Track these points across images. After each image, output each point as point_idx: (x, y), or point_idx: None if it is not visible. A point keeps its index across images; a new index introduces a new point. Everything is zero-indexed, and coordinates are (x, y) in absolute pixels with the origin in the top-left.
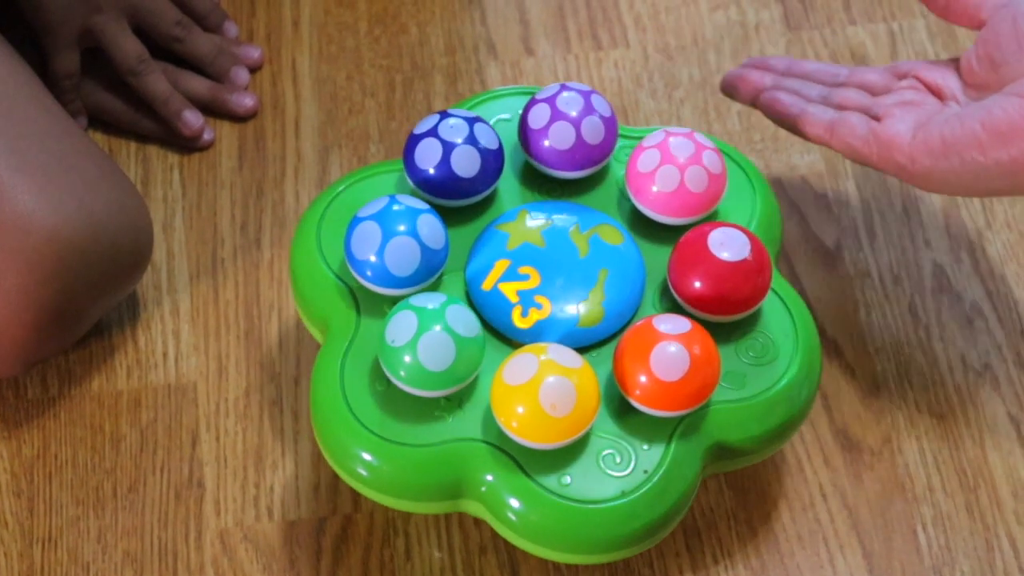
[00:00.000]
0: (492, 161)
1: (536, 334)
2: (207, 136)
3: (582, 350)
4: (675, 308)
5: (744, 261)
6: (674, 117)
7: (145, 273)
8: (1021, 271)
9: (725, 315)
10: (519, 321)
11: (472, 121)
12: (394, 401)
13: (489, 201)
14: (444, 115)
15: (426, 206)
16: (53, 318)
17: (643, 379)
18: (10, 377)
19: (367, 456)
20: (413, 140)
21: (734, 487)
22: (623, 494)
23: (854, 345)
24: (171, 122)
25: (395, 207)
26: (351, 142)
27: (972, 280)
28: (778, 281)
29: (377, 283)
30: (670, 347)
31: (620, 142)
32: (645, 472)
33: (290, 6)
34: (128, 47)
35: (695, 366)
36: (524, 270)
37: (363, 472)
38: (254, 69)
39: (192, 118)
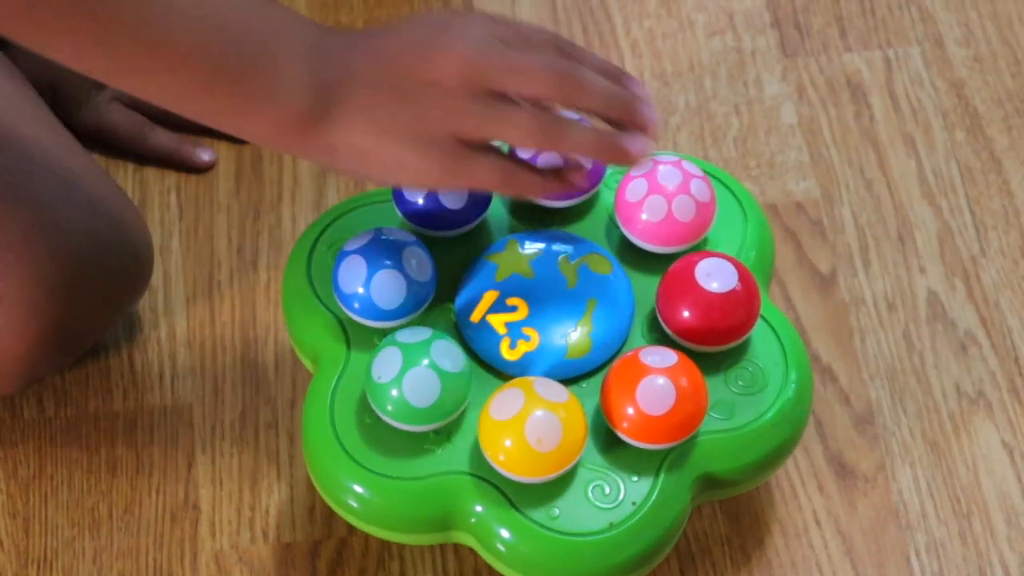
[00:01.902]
0: (480, 191)
1: (524, 366)
2: (207, 158)
3: (570, 381)
4: (663, 338)
5: (732, 292)
6: (670, 143)
7: (144, 295)
8: (1015, 298)
9: (713, 346)
10: (507, 353)
11: None
12: (383, 434)
13: (479, 231)
14: None
15: (413, 238)
16: (55, 335)
17: (630, 412)
18: (8, 395)
19: (357, 488)
20: None
21: (728, 513)
22: (611, 526)
23: (848, 372)
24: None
25: (381, 238)
26: None
27: (966, 307)
28: (768, 308)
29: (364, 316)
30: (657, 380)
31: (610, 169)
32: (633, 504)
33: None
34: (124, 118)
35: (681, 399)
36: (512, 301)
37: (354, 504)
38: None
39: (204, 156)
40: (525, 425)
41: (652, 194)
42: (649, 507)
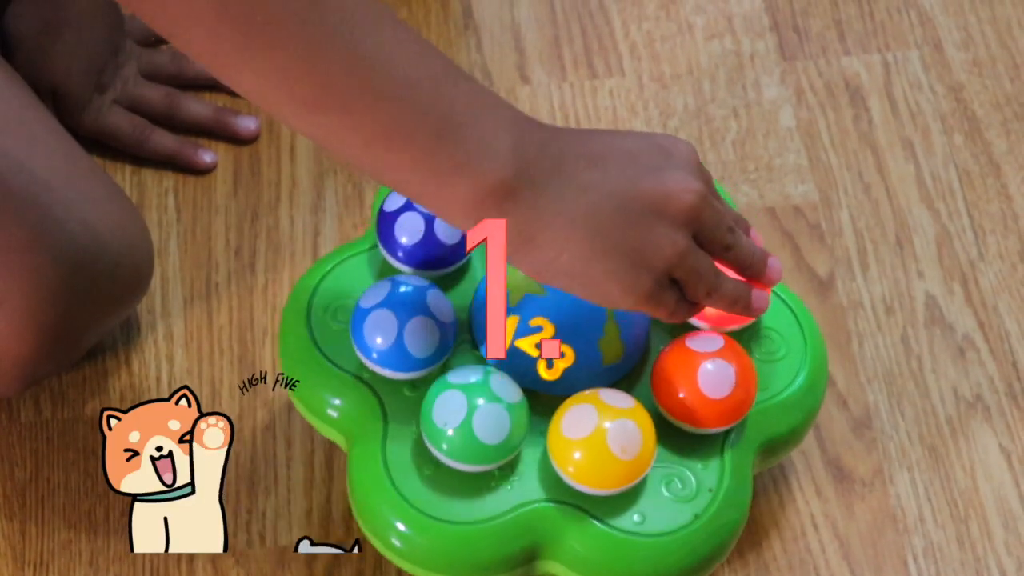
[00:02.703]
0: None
1: (565, 383)
2: (209, 159)
3: (612, 387)
4: (683, 326)
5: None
6: None
7: (145, 294)
8: (1013, 302)
9: (734, 325)
10: (546, 373)
11: None
12: (446, 481)
13: (468, 265)
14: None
15: (427, 282)
16: (55, 336)
17: (692, 401)
18: (7, 397)
19: (437, 544)
20: (389, 217)
21: None
22: (696, 517)
23: (846, 375)
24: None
25: (400, 288)
26: (346, 168)
27: (964, 311)
28: (782, 288)
29: (396, 368)
30: (710, 365)
31: None
32: (710, 490)
33: None
34: (124, 122)
35: (739, 379)
36: (535, 322)
37: (435, 559)
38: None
39: (206, 158)
40: (607, 437)
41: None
42: (725, 490)
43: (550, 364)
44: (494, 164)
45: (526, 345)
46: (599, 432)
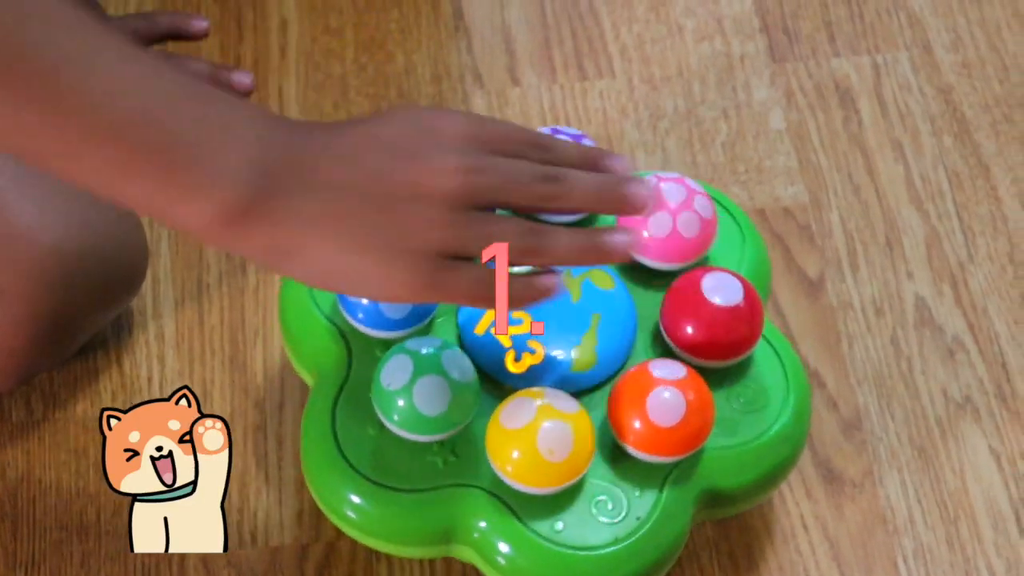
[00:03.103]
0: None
1: (529, 379)
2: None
3: (574, 395)
4: (667, 353)
5: (737, 306)
6: (659, 147)
7: (140, 289)
8: (1003, 304)
9: (718, 360)
10: (512, 366)
11: None
12: (387, 446)
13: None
14: None
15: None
16: (51, 330)
17: (638, 424)
18: (2, 393)
19: (356, 499)
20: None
21: (716, 520)
22: (616, 540)
23: (836, 377)
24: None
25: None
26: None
27: (954, 313)
28: (768, 328)
29: (370, 326)
30: (665, 392)
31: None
32: (638, 519)
33: (277, 33)
34: None
35: (690, 412)
36: (517, 315)
37: (352, 515)
38: (245, 95)
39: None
40: (537, 435)
41: (656, 210)
42: (653, 522)
43: (518, 357)
44: (228, 188)
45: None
46: (531, 428)
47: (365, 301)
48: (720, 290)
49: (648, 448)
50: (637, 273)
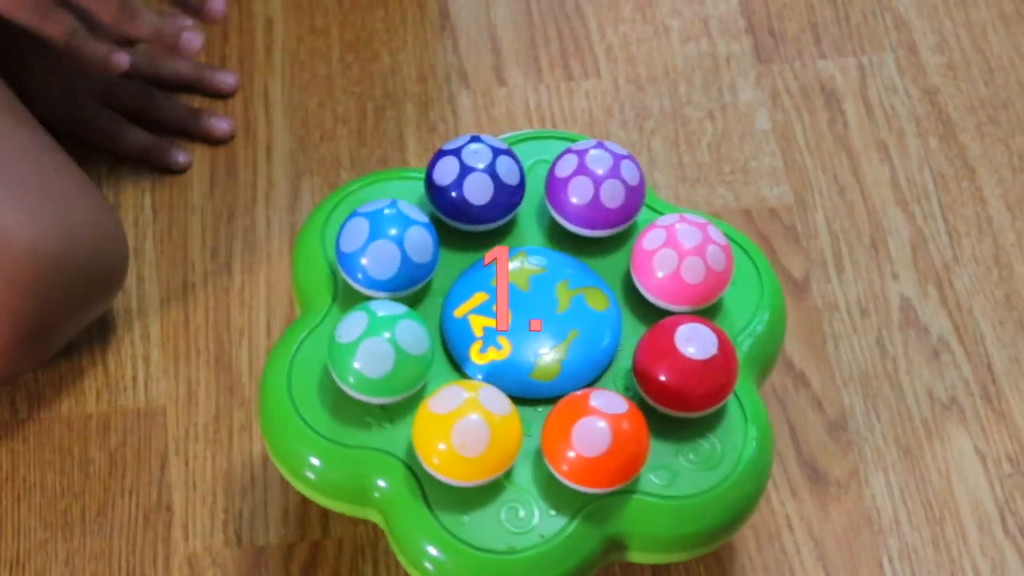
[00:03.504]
0: (507, 195)
1: (489, 373)
2: (183, 159)
3: (531, 402)
4: (632, 390)
5: (708, 360)
6: (645, 148)
7: (119, 293)
8: (988, 305)
9: (679, 411)
10: (476, 356)
11: (498, 152)
12: (335, 397)
13: (502, 235)
14: (474, 138)
15: (425, 219)
16: (28, 333)
17: (562, 447)
18: None
19: (298, 445)
20: (439, 155)
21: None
22: (510, 550)
23: (821, 377)
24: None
25: (387, 211)
26: (323, 169)
27: (939, 314)
28: (748, 394)
29: (353, 279)
30: (597, 423)
31: (646, 212)
32: (541, 536)
33: (263, 32)
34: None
35: (616, 446)
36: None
37: (275, 450)
38: (228, 95)
39: (180, 158)
40: (453, 425)
41: (666, 247)
42: (553, 546)
43: (483, 349)
44: None
45: (476, 323)
46: (451, 417)
47: (357, 254)
48: (694, 341)
49: (566, 473)
50: (644, 307)
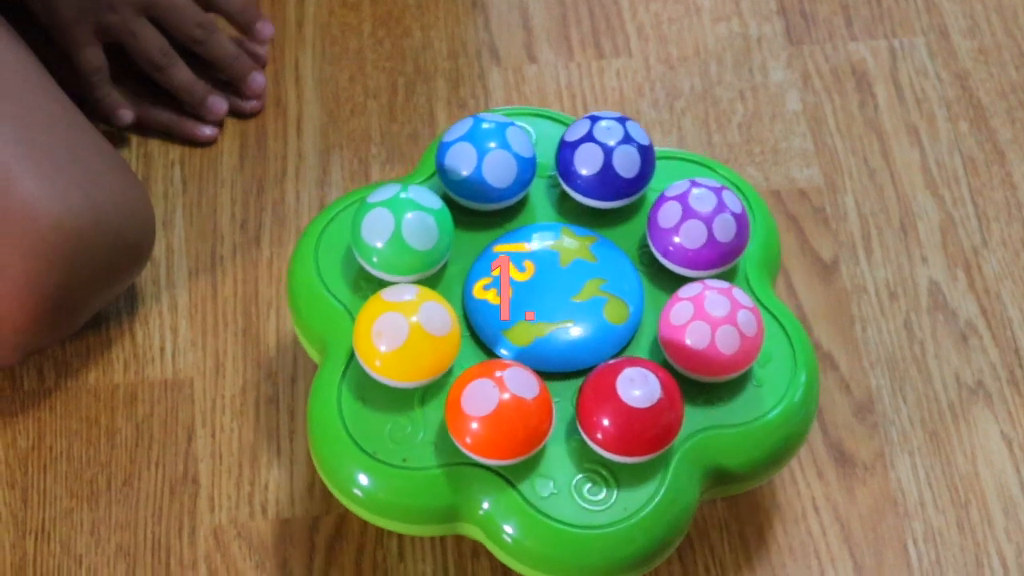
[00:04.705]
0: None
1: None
2: (209, 131)
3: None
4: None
5: (652, 406)
6: (675, 127)
7: (146, 266)
8: (1016, 289)
9: (630, 456)
10: (479, 291)
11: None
12: (385, 421)
13: (517, 212)
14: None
15: (438, 204)
16: (55, 306)
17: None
18: (7, 366)
19: (362, 478)
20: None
21: (727, 498)
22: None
23: (849, 359)
24: (197, 110)
25: (402, 195)
26: (352, 143)
27: (967, 298)
28: (776, 306)
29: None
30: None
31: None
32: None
33: (294, 6)
34: (149, 41)
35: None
36: (525, 271)
37: (358, 494)
38: (265, 43)
39: (216, 104)
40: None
41: (696, 319)
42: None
43: (487, 287)
44: None
45: (490, 295)
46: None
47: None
48: (637, 385)
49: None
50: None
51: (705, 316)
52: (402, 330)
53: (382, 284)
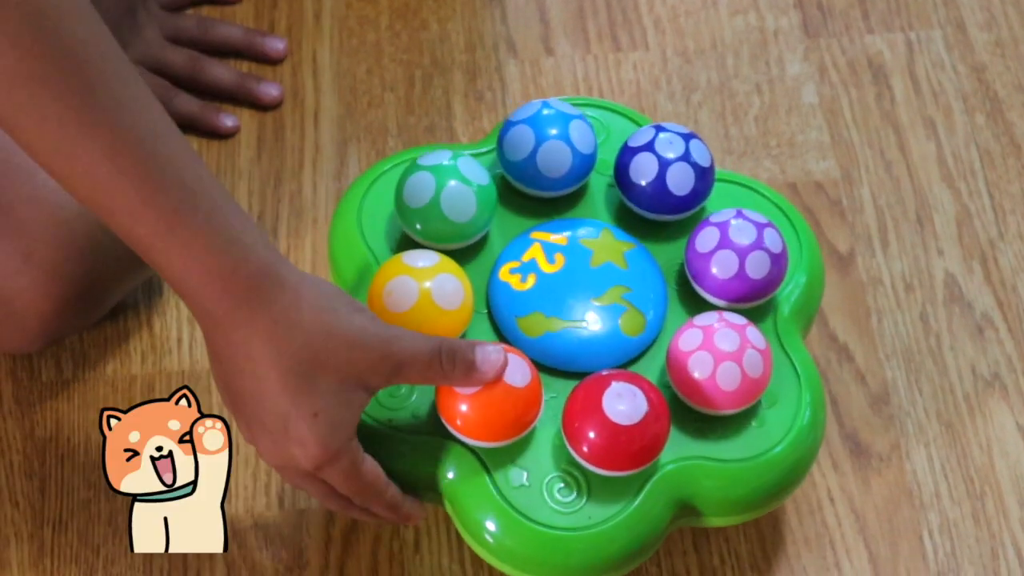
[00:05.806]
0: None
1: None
2: (230, 123)
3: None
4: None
5: (637, 424)
6: (691, 120)
7: None
8: None
9: (615, 471)
10: (505, 274)
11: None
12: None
13: (571, 203)
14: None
15: (485, 179)
16: (79, 293)
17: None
18: (28, 353)
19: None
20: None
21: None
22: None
23: (865, 351)
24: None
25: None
26: (369, 135)
27: (983, 290)
28: (800, 353)
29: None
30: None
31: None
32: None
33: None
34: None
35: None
36: (555, 264)
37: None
38: (277, 61)
39: (228, 122)
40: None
41: (702, 350)
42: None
43: (514, 270)
44: (255, 251)
45: (514, 280)
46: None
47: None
48: (624, 400)
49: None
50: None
51: (712, 348)
52: (411, 295)
53: (419, 246)
